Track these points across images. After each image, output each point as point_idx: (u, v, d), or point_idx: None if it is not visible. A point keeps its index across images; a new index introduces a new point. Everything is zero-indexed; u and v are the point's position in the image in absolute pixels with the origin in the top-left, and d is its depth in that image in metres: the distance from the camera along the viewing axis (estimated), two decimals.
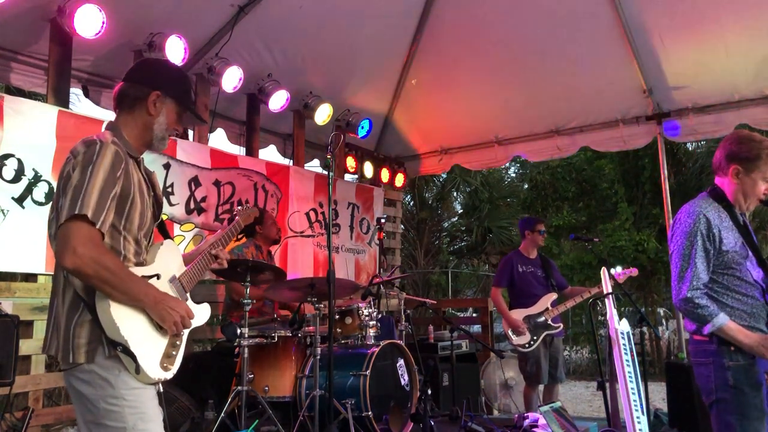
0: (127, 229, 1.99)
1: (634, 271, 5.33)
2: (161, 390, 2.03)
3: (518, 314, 5.35)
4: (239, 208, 2.97)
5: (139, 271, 1.99)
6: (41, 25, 4.31)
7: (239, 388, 3.68)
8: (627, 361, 3.76)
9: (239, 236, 4.72)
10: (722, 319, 2.47)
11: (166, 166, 4.88)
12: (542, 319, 5.33)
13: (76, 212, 1.82)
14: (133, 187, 2.00)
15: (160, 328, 1.98)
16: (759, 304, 2.56)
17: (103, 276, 1.83)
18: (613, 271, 5.04)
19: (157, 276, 2.04)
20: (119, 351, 1.86)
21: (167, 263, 2.12)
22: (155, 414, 1.96)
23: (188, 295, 2.20)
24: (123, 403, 1.88)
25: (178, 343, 2.04)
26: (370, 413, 3.78)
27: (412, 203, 15.44)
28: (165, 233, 2.29)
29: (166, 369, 1.98)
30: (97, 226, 1.85)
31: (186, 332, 2.09)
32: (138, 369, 1.88)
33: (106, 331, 1.86)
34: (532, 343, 5.27)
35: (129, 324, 1.88)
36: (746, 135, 2.66)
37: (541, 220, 5.77)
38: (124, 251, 1.98)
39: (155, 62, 2.42)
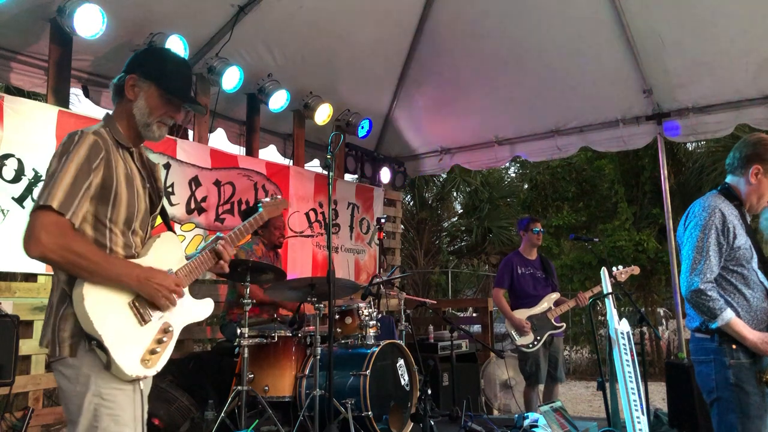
0: (113, 220, 1.94)
1: (635, 270, 5.33)
2: (142, 387, 1.93)
3: (521, 314, 5.35)
4: (267, 200, 2.67)
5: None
6: (41, 25, 4.31)
7: (239, 388, 3.69)
8: (627, 361, 3.76)
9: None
10: (730, 314, 2.49)
11: (167, 166, 4.89)
12: (546, 318, 5.34)
13: (41, 203, 1.79)
14: (116, 179, 1.94)
15: (144, 322, 1.92)
16: (760, 308, 2.56)
17: (73, 261, 1.80)
18: (614, 269, 5.05)
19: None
20: (94, 345, 1.81)
21: (162, 256, 2.05)
22: (130, 419, 1.88)
23: (185, 290, 2.11)
24: (99, 402, 1.83)
25: (164, 339, 1.97)
26: (370, 413, 3.78)
27: (412, 203, 15.44)
28: (167, 225, 2.23)
29: (147, 365, 1.91)
30: (67, 216, 1.80)
31: (177, 331, 2.03)
32: (109, 364, 1.82)
33: (81, 324, 1.82)
34: (535, 343, 5.27)
35: (106, 317, 1.83)
36: None
37: (536, 219, 5.75)
38: (110, 243, 1.94)
39: (143, 49, 2.30)
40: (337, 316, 4.30)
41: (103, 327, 1.81)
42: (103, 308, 1.84)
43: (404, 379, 4.20)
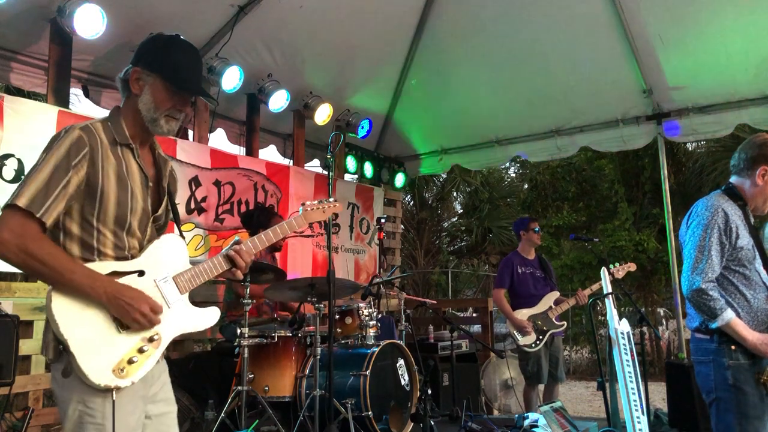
0: (102, 220, 1.84)
1: (631, 266, 5.33)
2: (114, 399, 1.75)
3: (522, 314, 5.35)
4: (313, 202, 2.40)
5: (116, 266, 1.84)
6: (41, 25, 4.31)
7: (239, 388, 3.69)
8: (627, 361, 3.76)
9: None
10: (730, 314, 2.49)
11: None
12: (547, 318, 5.34)
13: (10, 201, 1.73)
14: (103, 176, 1.84)
15: (124, 329, 1.80)
16: (761, 309, 2.56)
17: (32, 265, 1.73)
18: (611, 267, 5.05)
19: (140, 272, 1.88)
20: (61, 348, 1.72)
21: (160, 260, 1.93)
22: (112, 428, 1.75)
23: (185, 296, 1.97)
24: (83, 410, 1.74)
25: (147, 348, 1.81)
26: (370, 413, 3.78)
27: (412, 203, 15.43)
28: (177, 226, 2.14)
29: (121, 375, 1.75)
30: (38, 215, 1.72)
31: (165, 340, 1.88)
32: (68, 371, 1.72)
33: (51, 326, 1.74)
34: (537, 342, 5.28)
35: (75, 320, 1.73)
36: None
37: (534, 219, 5.79)
38: (97, 244, 1.84)
39: (147, 38, 2.06)
40: (337, 316, 4.30)
41: (69, 330, 1.71)
42: (74, 311, 1.74)
43: (404, 379, 4.20)
